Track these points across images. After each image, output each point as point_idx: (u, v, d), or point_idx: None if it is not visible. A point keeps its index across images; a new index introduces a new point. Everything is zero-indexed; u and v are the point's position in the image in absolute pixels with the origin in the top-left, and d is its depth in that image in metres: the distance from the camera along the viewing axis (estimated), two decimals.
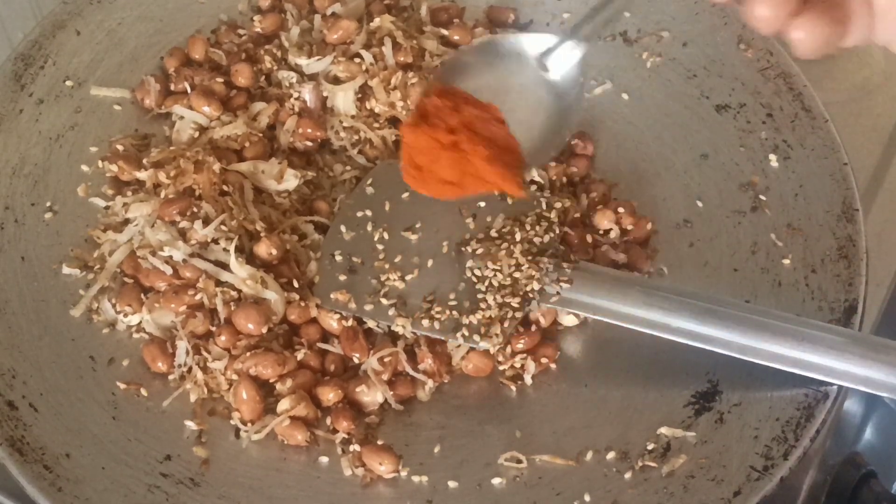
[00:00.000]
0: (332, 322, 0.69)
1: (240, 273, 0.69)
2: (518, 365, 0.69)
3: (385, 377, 0.67)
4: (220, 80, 0.80)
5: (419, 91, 0.76)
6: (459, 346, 0.68)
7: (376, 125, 0.79)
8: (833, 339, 0.65)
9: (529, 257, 0.69)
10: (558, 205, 0.73)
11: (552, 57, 0.66)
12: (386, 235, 0.72)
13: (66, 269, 0.72)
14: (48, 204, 0.75)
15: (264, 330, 0.68)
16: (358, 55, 0.80)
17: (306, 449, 0.65)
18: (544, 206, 0.72)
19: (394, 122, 0.79)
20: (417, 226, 0.72)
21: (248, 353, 0.67)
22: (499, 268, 0.69)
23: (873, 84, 0.94)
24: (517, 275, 0.69)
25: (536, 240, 0.71)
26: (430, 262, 0.71)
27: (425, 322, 0.68)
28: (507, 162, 0.64)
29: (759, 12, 0.52)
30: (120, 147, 0.78)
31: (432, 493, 0.64)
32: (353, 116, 0.79)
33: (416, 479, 0.64)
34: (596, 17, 0.63)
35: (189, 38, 0.83)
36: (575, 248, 0.72)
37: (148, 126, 0.80)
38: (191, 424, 0.66)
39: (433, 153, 0.64)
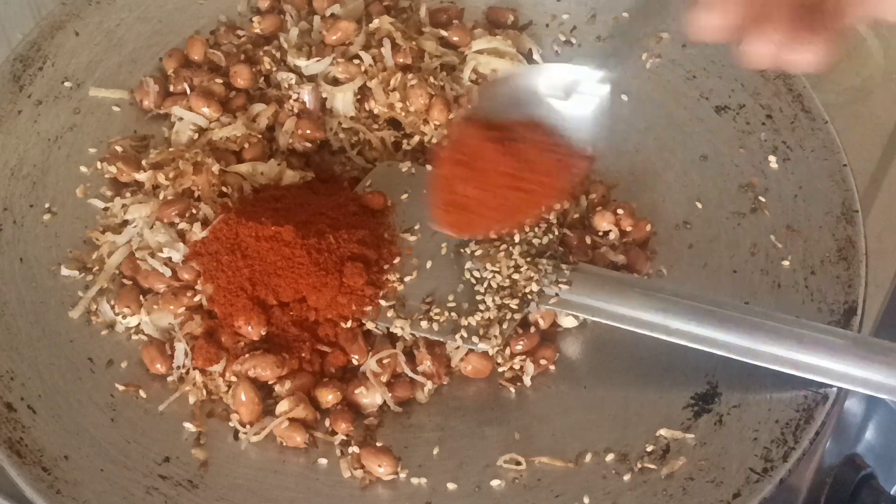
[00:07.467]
0: None
1: None
2: (517, 366, 0.69)
3: (384, 379, 0.67)
4: (219, 81, 0.80)
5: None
6: (458, 347, 0.68)
7: (375, 126, 0.79)
8: (832, 340, 0.65)
9: (528, 259, 0.69)
10: (557, 206, 0.72)
11: (579, 90, 0.65)
12: (385, 237, 0.72)
13: (64, 271, 0.72)
14: (47, 205, 0.75)
15: (263, 332, 0.68)
16: (357, 56, 0.80)
17: (305, 451, 0.65)
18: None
19: (393, 123, 0.79)
20: (416, 227, 0.72)
21: (246, 355, 0.67)
22: (497, 269, 0.69)
23: (873, 85, 0.94)
24: (516, 276, 0.68)
25: (535, 241, 0.70)
26: (428, 264, 0.70)
27: (424, 323, 0.68)
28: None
29: (704, 23, 0.52)
30: (119, 148, 0.78)
31: (431, 494, 0.64)
32: (352, 118, 0.79)
33: (415, 480, 0.64)
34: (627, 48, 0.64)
35: (188, 40, 0.83)
36: (574, 249, 0.72)
37: (147, 127, 0.80)
38: (189, 426, 0.66)
39: (481, 148, 0.64)
